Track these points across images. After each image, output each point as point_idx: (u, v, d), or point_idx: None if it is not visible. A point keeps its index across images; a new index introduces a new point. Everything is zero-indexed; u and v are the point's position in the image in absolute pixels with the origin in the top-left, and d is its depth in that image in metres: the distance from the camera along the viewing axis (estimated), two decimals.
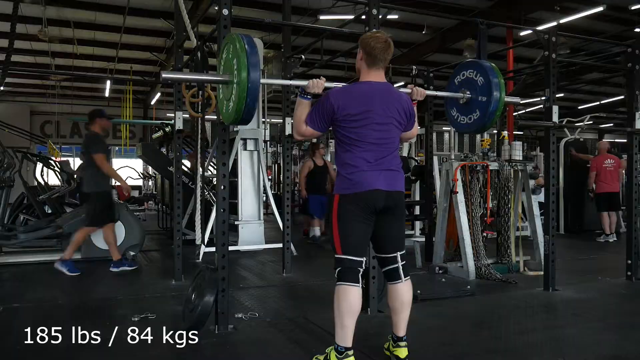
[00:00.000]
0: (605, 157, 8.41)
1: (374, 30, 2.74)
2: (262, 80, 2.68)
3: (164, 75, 2.82)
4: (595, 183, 8.40)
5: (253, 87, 2.57)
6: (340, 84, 2.82)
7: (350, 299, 2.53)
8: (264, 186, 7.11)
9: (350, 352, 2.52)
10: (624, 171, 8.55)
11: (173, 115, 5.04)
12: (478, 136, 11.10)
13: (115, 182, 15.99)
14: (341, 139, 2.64)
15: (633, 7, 11.83)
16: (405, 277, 2.72)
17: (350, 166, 2.60)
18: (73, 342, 3.16)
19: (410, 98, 2.83)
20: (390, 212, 2.65)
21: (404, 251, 2.77)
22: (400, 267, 2.72)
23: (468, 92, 3.33)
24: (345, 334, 2.52)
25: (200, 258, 6.01)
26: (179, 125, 5.00)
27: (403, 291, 2.71)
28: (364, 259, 2.65)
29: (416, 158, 9.34)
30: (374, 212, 2.62)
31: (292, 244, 5.59)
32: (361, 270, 2.62)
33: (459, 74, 3.44)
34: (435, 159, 6.64)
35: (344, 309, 2.52)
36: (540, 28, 5.72)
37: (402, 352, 2.67)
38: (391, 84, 2.78)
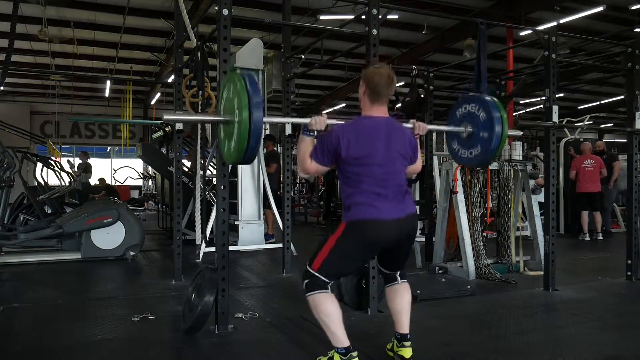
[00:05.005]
0: (585, 157, 8.48)
1: (377, 65, 2.69)
2: (264, 119, 2.56)
3: (165, 117, 2.77)
4: (576, 183, 8.54)
5: (256, 127, 2.46)
6: (341, 121, 2.74)
7: (324, 306, 2.52)
8: (264, 186, 7.10)
9: (355, 354, 2.52)
10: (609, 171, 8.61)
11: None
12: None
13: (116, 183, 15.79)
14: (346, 174, 2.58)
15: (633, 7, 11.84)
16: (401, 280, 2.78)
17: (358, 201, 2.53)
18: (73, 342, 3.17)
19: (412, 132, 2.80)
20: (401, 243, 2.62)
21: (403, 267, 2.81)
22: (397, 274, 2.80)
23: (470, 127, 3.25)
24: (338, 337, 2.51)
25: (200, 258, 6.01)
26: (179, 125, 5.00)
27: (400, 291, 2.75)
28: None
29: None
30: (382, 247, 2.59)
31: (292, 244, 5.59)
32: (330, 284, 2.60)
33: (460, 107, 3.35)
34: (435, 159, 6.63)
35: (323, 316, 2.52)
36: (540, 28, 5.71)
37: (407, 352, 2.68)
38: (394, 119, 2.73)
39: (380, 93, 2.60)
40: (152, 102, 21.14)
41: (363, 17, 3.96)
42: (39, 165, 7.97)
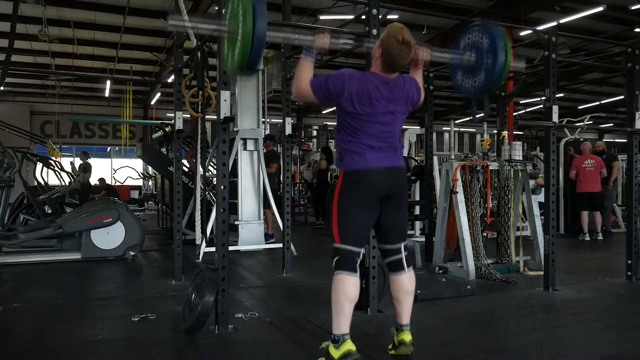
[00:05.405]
0: (585, 157, 8.50)
1: (399, 26, 2.62)
2: (269, 33, 2.59)
3: (170, 22, 2.93)
4: (576, 183, 8.55)
5: (259, 35, 2.51)
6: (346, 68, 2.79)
7: (347, 287, 2.57)
8: (264, 186, 7.10)
9: (347, 337, 2.54)
10: (610, 171, 8.65)
11: (173, 115, 5.04)
12: (478, 136, 11.10)
13: (116, 183, 15.75)
14: (345, 123, 2.68)
15: (633, 7, 11.85)
16: (408, 268, 2.78)
17: (352, 150, 2.65)
18: (73, 342, 3.17)
19: (417, 82, 2.83)
20: (394, 198, 2.68)
21: (407, 241, 2.82)
22: (404, 258, 2.77)
23: (473, 55, 3.22)
24: (342, 321, 2.55)
25: (200, 258, 6.01)
26: (179, 125, 5.00)
27: (406, 281, 2.76)
28: (362, 250, 2.68)
29: (416, 158, 9.35)
30: (378, 198, 2.64)
31: (292, 244, 5.59)
32: (359, 260, 2.65)
33: (464, 36, 3.34)
34: (435, 159, 6.64)
35: (341, 296, 2.56)
36: (540, 28, 5.72)
37: (407, 335, 2.72)
38: (401, 74, 2.76)
39: (396, 63, 2.63)
40: (152, 102, 21.15)
41: (363, 17, 3.96)
42: (39, 165, 7.98)
